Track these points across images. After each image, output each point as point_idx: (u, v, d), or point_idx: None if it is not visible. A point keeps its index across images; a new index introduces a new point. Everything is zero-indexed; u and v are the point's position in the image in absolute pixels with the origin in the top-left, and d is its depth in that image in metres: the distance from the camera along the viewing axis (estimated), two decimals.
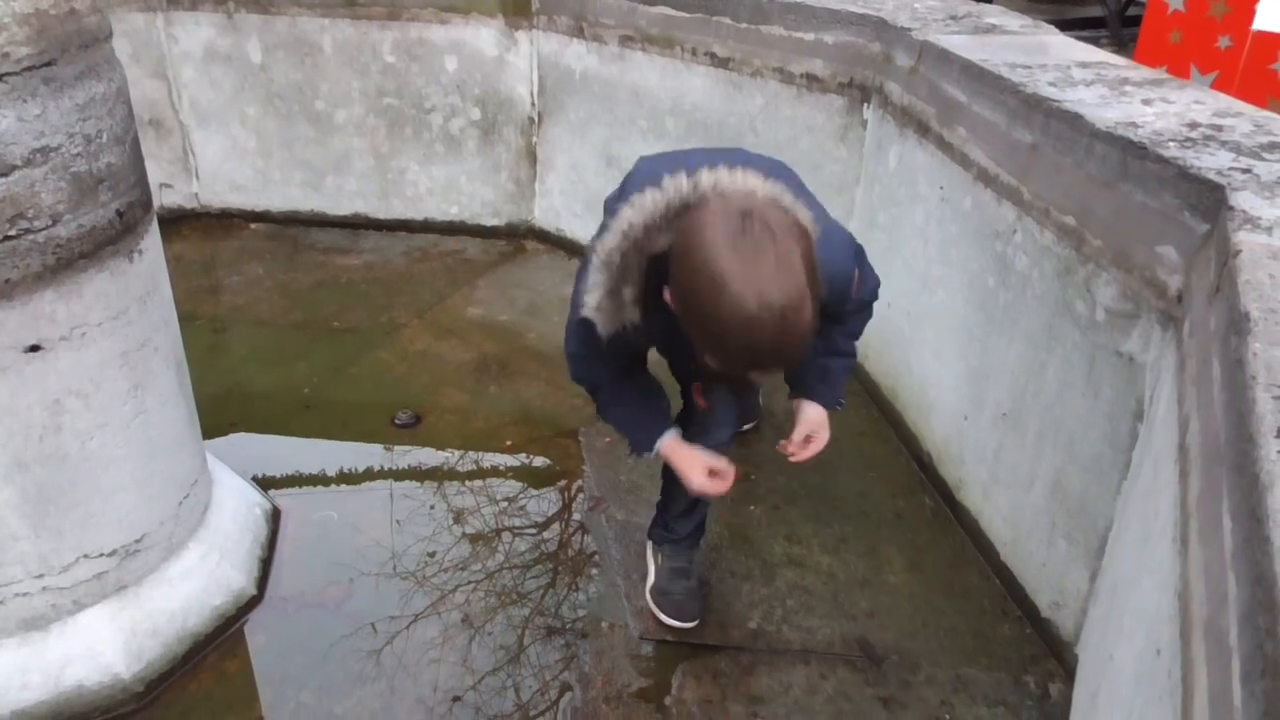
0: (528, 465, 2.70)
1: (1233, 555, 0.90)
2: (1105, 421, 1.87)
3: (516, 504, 2.58)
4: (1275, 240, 1.34)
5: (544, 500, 2.58)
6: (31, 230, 1.65)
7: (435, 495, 2.58)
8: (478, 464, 2.70)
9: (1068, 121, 1.94)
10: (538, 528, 2.49)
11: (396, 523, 2.47)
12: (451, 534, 2.44)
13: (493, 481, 2.64)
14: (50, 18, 1.62)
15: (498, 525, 2.49)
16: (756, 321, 1.30)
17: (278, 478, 2.59)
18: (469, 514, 2.53)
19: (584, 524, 2.48)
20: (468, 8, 3.62)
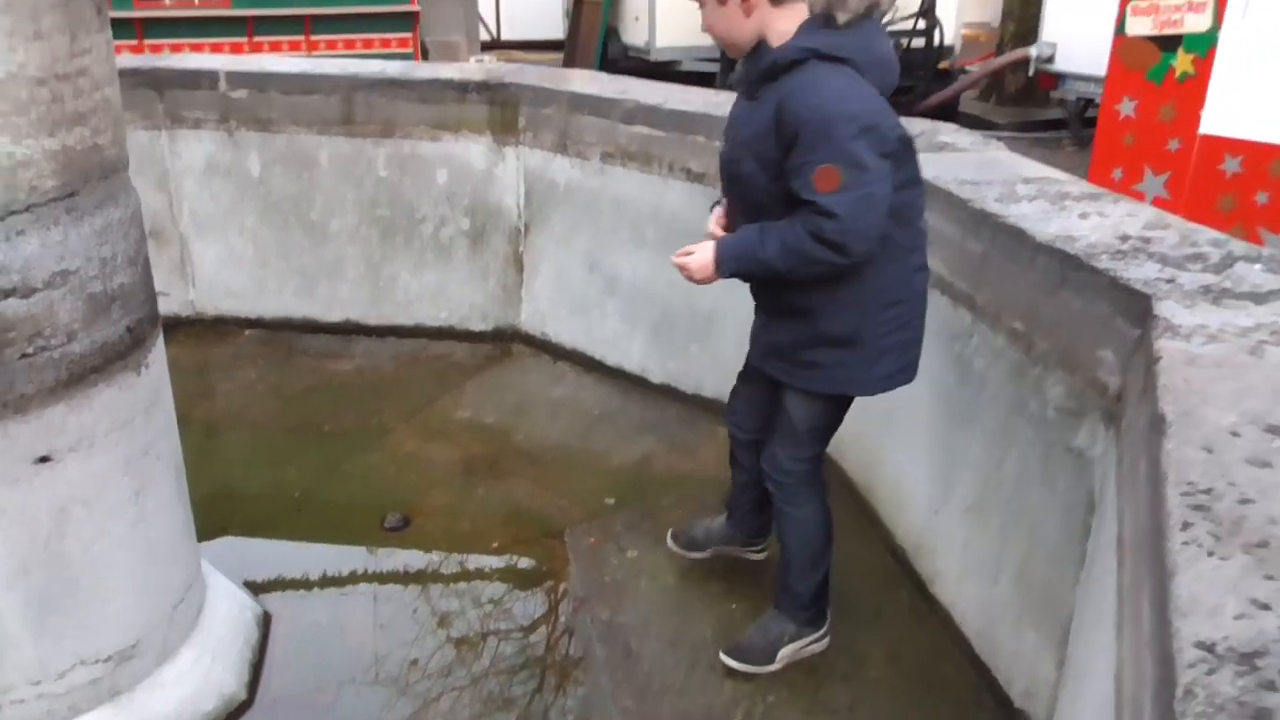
0: (514, 567, 2.77)
1: (1149, 637, 1.01)
2: (1061, 514, 1.97)
3: (502, 606, 2.64)
4: (1193, 347, 1.47)
5: (529, 602, 2.64)
6: (48, 347, 1.77)
7: (423, 598, 2.65)
8: (464, 566, 2.77)
9: (1012, 234, 2.10)
10: (523, 630, 2.55)
11: (384, 627, 2.53)
12: (438, 638, 2.50)
13: (479, 584, 2.71)
14: (76, 153, 1.76)
15: (484, 628, 2.55)
16: None
17: (268, 580, 2.66)
18: (455, 617, 2.59)
19: (569, 625, 2.55)
20: (458, 125, 3.82)
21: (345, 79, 3.85)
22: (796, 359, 2.16)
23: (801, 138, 1.90)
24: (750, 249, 2.03)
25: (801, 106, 1.91)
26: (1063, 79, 10.28)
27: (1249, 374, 1.38)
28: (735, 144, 2.09)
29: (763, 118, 1.98)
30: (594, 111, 3.58)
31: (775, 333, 2.20)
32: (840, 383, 2.16)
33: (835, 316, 2.07)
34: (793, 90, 1.93)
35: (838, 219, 1.89)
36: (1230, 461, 1.15)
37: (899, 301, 2.08)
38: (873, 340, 2.08)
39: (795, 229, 1.95)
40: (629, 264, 3.61)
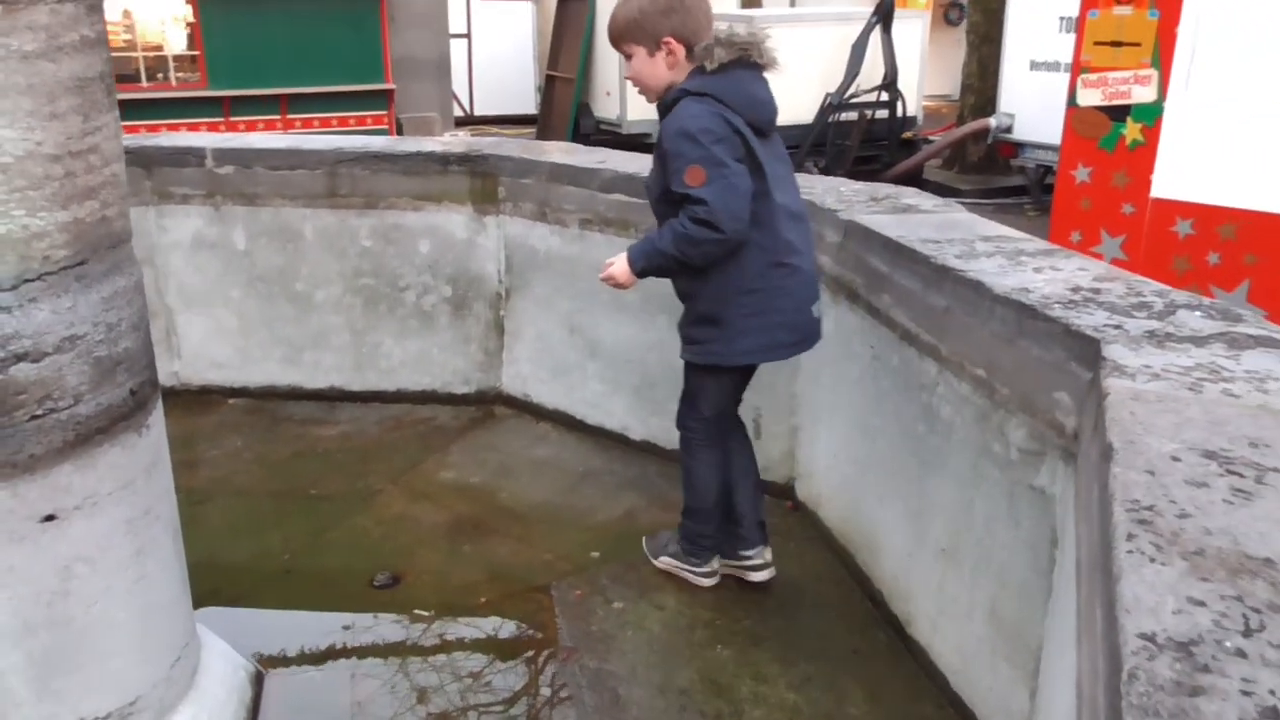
0: (502, 621, 2.82)
1: (1101, 638, 1.10)
2: (1028, 550, 2.07)
3: (492, 658, 2.69)
4: (1137, 384, 1.59)
5: (518, 653, 2.70)
6: (56, 410, 1.84)
7: (414, 652, 2.69)
8: (454, 621, 2.82)
9: (972, 288, 2.23)
10: (513, 680, 2.60)
11: (378, 680, 2.57)
12: (431, 690, 2.54)
13: (469, 638, 2.76)
14: (86, 224, 1.86)
15: (475, 680, 2.59)
16: None
17: (260, 641, 2.69)
18: (447, 669, 2.63)
19: (558, 675, 2.60)
20: (440, 196, 3.96)
21: (330, 153, 3.99)
22: (685, 335, 2.70)
23: (671, 150, 2.44)
24: (651, 245, 2.54)
25: (670, 129, 2.46)
26: (1021, 147, 10.68)
27: (1188, 408, 1.50)
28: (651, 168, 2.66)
29: (658, 147, 2.55)
30: (573, 181, 3.72)
31: (681, 316, 2.71)
32: (709, 355, 2.65)
33: (704, 300, 2.58)
34: (668, 120, 2.49)
35: (707, 204, 2.38)
36: (1171, 483, 1.26)
37: (756, 290, 2.54)
38: (732, 321, 2.57)
39: (680, 219, 2.44)
40: (610, 327, 3.73)
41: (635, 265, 2.58)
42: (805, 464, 3.32)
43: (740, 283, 2.53)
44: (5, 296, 1.74)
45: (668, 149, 2.45)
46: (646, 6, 2.54)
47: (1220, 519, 1.17)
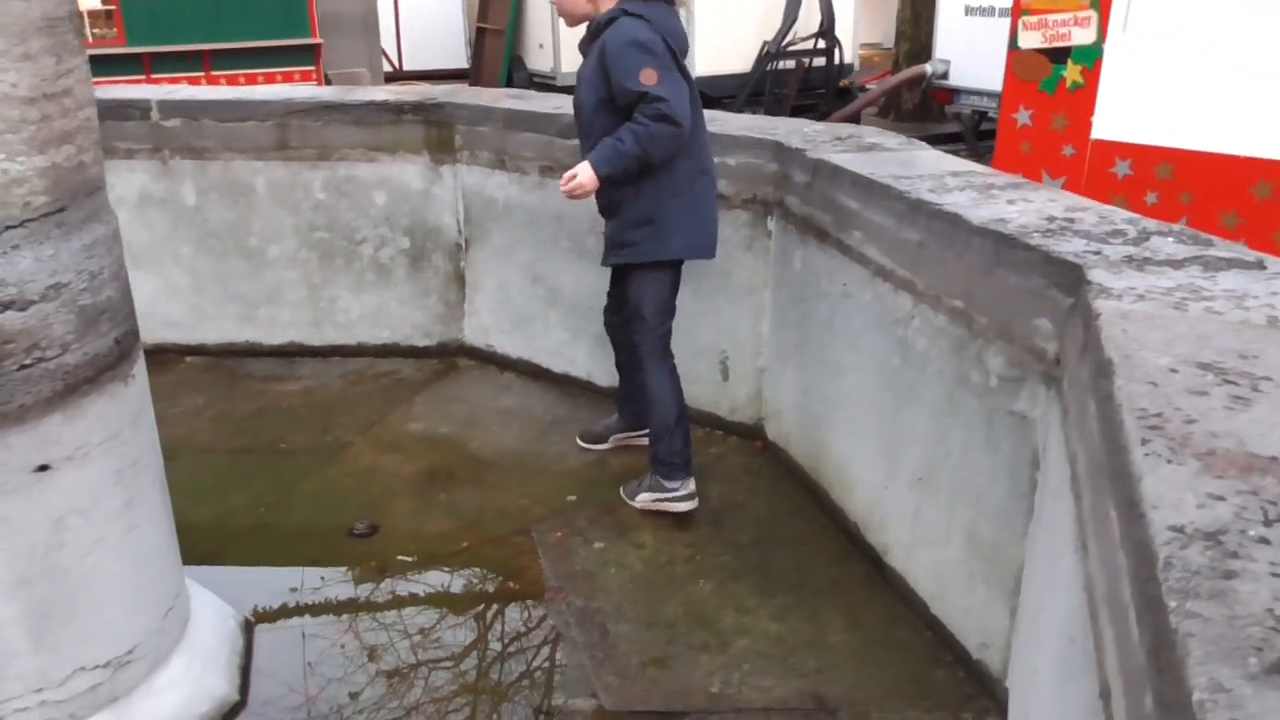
0: (486, 564, 2.85)
1: (1121, 536, 1.16)
2: (1007, 474, 2.16)
3: (478, 598, 2.72)
4: (1124, 304, 1.66)
5: (504, 594, 2.73)
6: (44, 359, 1.80)
7: (399, 596, 2.71)
8: (437, 565, 2.83)
9: (948, 221, 2.29)
10: (501, 619, 2.63)
11: (364, 625, 2.58)
12: (418, 630, 2.56)
13: (453, 579, 2.78)
14: (64, 170, 1.81)
15: (462, 619, 2.62)
16: None
17: (244, 594, 2.66)
18: (433, 610, 2.66)
19: (545, 613, 2.64)
20: (395, 147, 3.90)
21: (280, 104, 3.89)
22: (621, 242, 2.88)
23: (621, 59, 2.66)
24: (613, 149, 2.69)
25: (618, 40, 2.69)
26: (957, 94, 10.78)
27: (1176, 325, 1.57)
28: (579, 88, 2.86)
29: (593, 62, 2.77)
30: (531, 127, 3.69)
31: (608, 229, 2.92)
32: (647, 253, 2.87)
33: (641, 203, 2.81)
34: (609, 35, 2.71)
35: (665, 100, 2.63)
36: (1173, 392, 1.32)
37: (684, 194, 2.83)
38: (664, 221, 2.82)
39: (639, 120, 2.65)
40: (571, 275, 3.73)
41: (601, 170, 2.70)
42: (773, 404, 3.39)
43: (672, 187, 2.80)
44: None
45: (618, 54, 2.67)
46: None
47: (1224, 423, 1.24)
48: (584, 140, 2.90)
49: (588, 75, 2.81)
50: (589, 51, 2.84)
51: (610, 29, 2.74)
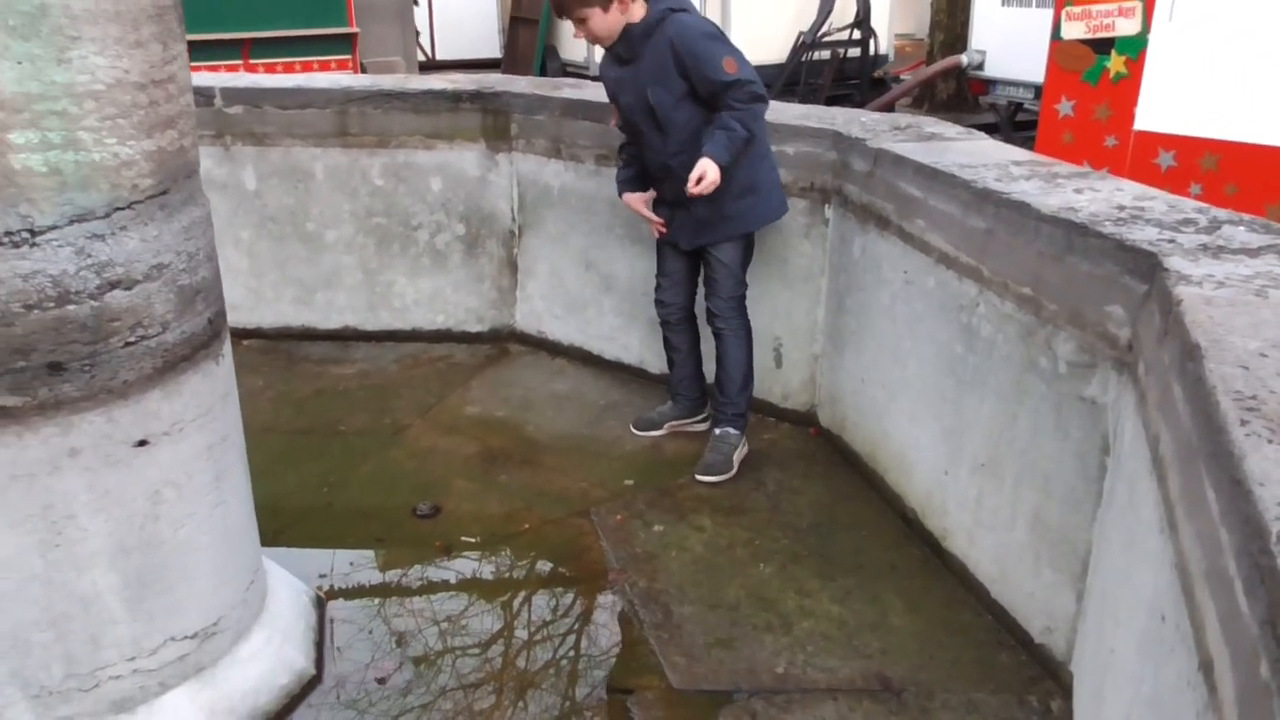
0: (548, 545, 2.90)
1: (1221, 514, 1.20)
2: (1076, 459, 2.18)
3: (543, 579, 2.78)
4: (1205, 290, 1.69)
5: (569, 574, 2.78)
6: (147, 336, 1.87)
7: (464, 576, 2.77)
8: (500, 545, 2.89)
9: (1016, 209, 2.31)
10: (569, 601, 2.68)
11: (432, 604, 2.64)
12: (485, 610, 2.62)
13: (517, 560, 2.84)
14: (168, 153, 1.87)
15: (528, 599, 2.68)
16: None
17: (313, 571, 2.74)
18: (499, 590, 2.72)
19: (610, 594, 2.69)
20: (452, 134, 3.95)
21: (339, 92, 3.95)
22: (723, 216, 3.02)
23: (701, 50, 2.82)
24: (728, 139, 2.83)
25: (690, 34, 2.84)
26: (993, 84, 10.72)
27: (1259, 311, 1.60)
28: (638, 90, 2.95)
29: (658, 62, 2.88)
30: (587, 116, 3.73)
31: (696, 212, 3.02)
32: (759, 219, 3.11)
33: (743, 172, 2.95)
34: (676, 35, 2.84)
35: (754, 82, 2.84)
36: (1266, 375, 1.35)
37: (766, 155, 3.07)
38: (761, 184, 3.04)
39: (735, 105, 2.83)
40: (625, 261, 3.77)
41: (724, 161, 2.82)
42: (828, 390, 3.42)
43: (760, 151, 3.01)
44: (99, 224, 1.76)
45: (696, 50, 2.82)
46: None
47: None
48: (657, 137, 2.99)
49: (652, 76, 2.90)
50: (640, 54, 2.91)
51: (668, 28, 2.85)
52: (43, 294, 1.72)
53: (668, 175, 3.04)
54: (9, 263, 1.68)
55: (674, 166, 2.98)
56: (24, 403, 1.75)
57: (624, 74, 2.98)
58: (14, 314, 1.70)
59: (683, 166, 2.90)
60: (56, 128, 1.67)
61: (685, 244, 3.15)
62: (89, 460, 1.84)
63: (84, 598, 1.92)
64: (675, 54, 2.84)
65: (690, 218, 3.07)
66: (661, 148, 3.00)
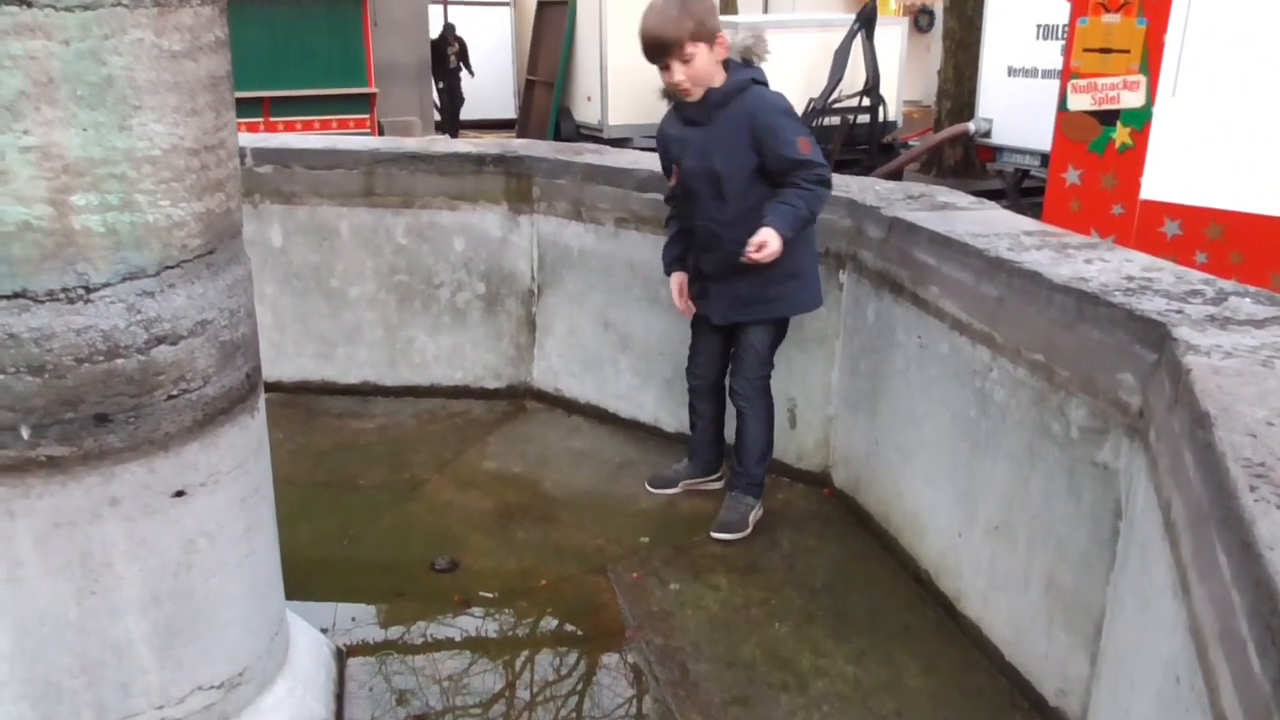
0: (565, 601, 2.93)
1: (1233, 577, 1.24)
2: (1089, 522, 2.22)
3: (559, 636, 2.81)
4: (1213, 360, 1.75)
5: (586, 632, 2.81)
6: (188, 390, 1.93)
7: (481, 631, 2.80)
8: (518, 601, 2.92)
9: (1028, 278, 2.38)
10: (585, 658, 2.71)
11: (449, 658, 2.67)
12: (502, 666, 2.65)
13: (535, 616, 2.87)
14: (215, 215, 1.96)
15: (545, 656, 2.71)
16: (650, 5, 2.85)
17: (331, 624, 2.78)
18: (516, 646, 2.74)
19: (626, 652, 2.71)
20: (475, 196, 4.06)
21: (367, 154, 4.08)
22: (765, 297, 3.04)
23: (779, 126, 2.85)
24: (793, 214, 2.84)
25: (770, 109, 2.88)
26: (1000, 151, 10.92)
27: (1266, 380, 1.66)
28: (705, 155, 2.94)
29: (731, 130, 2.88)
30: (607, 181, 3.84)
31: (738, 288, 3.03)
32: (798, 306, 3.13)
33: (790, 258, 2.92)
34: (756, 106, 2.87)
35: (825, 166, 2.89)
36: (1274, 443, 1.40)
37: (814, 243, 3.13)
38: (806, 271, 3.09)
39: (803, 185, 2.85)
40: (643, 321, 3.85)
41: (786, 233, 2.82)
42: (842, 451, 3.47)
43: (810, 239, 3.09)
44: (150, 282, 1.84)
45: (773, 125, 2.85)
46: (701, 8, 2.85)
47: None
48: (715, 205, 2.98)
49: (723, 143, 2.89)
50: (714, 120, 2.91)
51: (748, 98, 2.88)
52: (94, 348, 1.79)
53: (715, 246, 3.02)
54: (64, 318, 1.75)
55: (725, 238, 2.96)
56: (70, 452, 1.81)
57: (692, 136, 2.96)
58: (66, 367, 1.77)
59: (734, 239, 2.89)
60: (115, 190, 1.75)
61: (719, 318, 3.14)
62: (129, 509, 1.89)
63: (116, 645, 1.96)
64: (752, 125, 2.85)
65: (730, 292, 3.06)
66: (717, 216, 2.98)
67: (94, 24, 1.66)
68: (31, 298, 1.73)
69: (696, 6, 2.84)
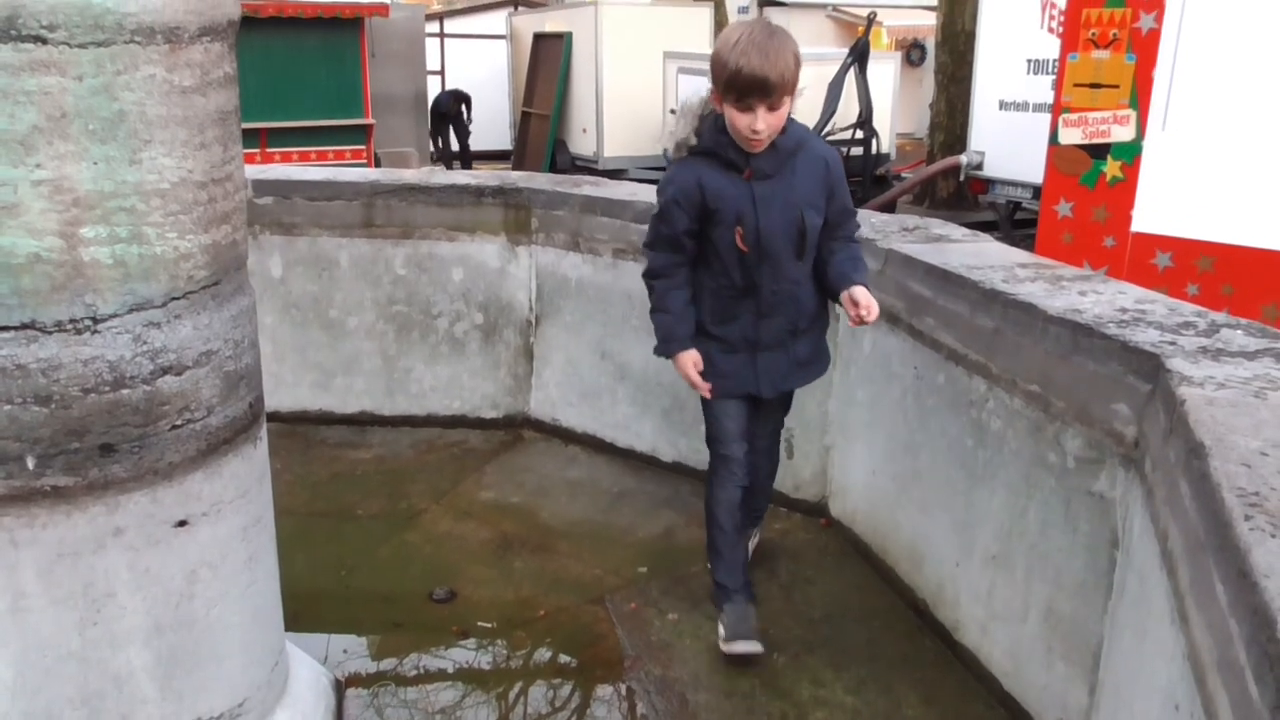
0: (564, 632, 2.93)
1: (1229, 605, 1.26)
2: (1086, 552, 2.24)
3: (558, 666, 2.80)
4: (1207, 391, 1.77)
5: (585, 663, 2.81)
6: (192, 420, 1.95)
7: (480, 662, 2.80)
8: (517, 632, 2.92)
9: (1023, 310, 2.42)
10: (583, 689, 2.71)
11: (447, 689, 2.67)
12: (501, 698, 2.65)
13: (534, 647, 2.87)
14: (221, 247, 1.98)
15: (544, 687, 2.71)
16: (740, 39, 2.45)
17: (330, 654, 2.77)
18: (515, 677, 2.74)
19: (625, 682, 2.71)
20: (474, 227, 4.10)
21: (367, 185, 4.11)
22: (817, 354, 2.87)
23: (842, 178, 2.74)
24: (865, 267, 2.71)
25: (837, 159, 2.79)
26: (991, 184, 11.03)
27: (1259, 411, 1.68)
28: (789, 210, 2.61)
29: (810, 180, 2.65)
30: (605, 212, 3.88)
31: (797, 351, 2.79)
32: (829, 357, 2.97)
33: (824, 316, 2.87)
34: (828, 154, 2.74)
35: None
36: (1268, 473, 1.43)
37: None
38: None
39: (854, 239, 2.78)
40: (641, 351, 3.86)
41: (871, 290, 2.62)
42: (839, 482, 3.48)
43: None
44: (156, 313, 1.86)
45: (840, 177, 2.73)
46: (798, 58, 2.52)
47: None
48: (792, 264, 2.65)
49: (807, 196, 2.62)
50: (788, 170, 2.60)
51: (815, 145, 2.73)
52: (100, 378, 1.81)
53: (781, 310, 2.69)
54: (71, 349, 1.77)
55: (802, 299, 2.71)
56: (75, 483, 1.82)
57: (761, 191, 2.58)
58: (72, 397, 1.79)
59: (808, 300, 2.72)
60: (125, 223, 1.77)
61: (770, 390, 2.78)
62: (132, 539, 1.90)
63: (117, 676, 1.96)
64: (828, 174, 2.67)
65: (786, 358, 2.76)
66: (795, 276, 2.67)
67: (107, 60, 1.69)
68: (40, 329, 1.75)
69: (796, 56, 2.52)
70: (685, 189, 2.63)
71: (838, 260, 2.68)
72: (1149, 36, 6.02)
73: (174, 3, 1.77)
